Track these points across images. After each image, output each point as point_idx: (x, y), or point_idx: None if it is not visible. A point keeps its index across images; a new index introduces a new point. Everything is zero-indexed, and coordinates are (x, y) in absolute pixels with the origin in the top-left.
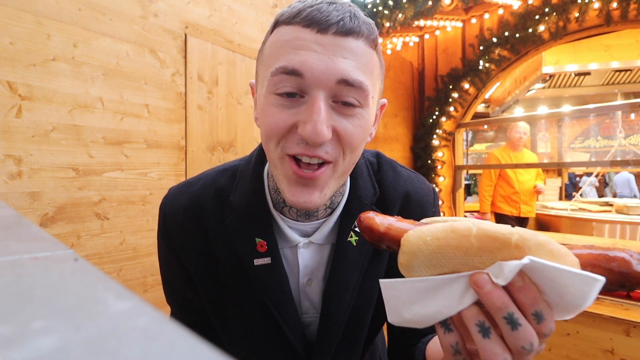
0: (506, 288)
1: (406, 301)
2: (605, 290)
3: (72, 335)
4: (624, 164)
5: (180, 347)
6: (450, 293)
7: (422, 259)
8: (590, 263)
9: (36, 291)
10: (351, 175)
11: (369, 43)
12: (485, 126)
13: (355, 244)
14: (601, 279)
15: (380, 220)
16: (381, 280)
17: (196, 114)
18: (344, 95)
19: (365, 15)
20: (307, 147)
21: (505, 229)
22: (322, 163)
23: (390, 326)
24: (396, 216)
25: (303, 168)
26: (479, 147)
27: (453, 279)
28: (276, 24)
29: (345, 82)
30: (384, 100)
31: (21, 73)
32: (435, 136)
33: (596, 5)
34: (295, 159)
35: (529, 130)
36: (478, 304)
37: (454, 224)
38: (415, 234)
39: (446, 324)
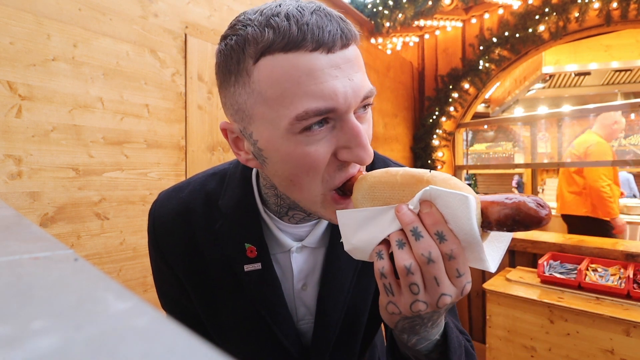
0: (419, 215)
1: (353, 228)
2: (504, 228)
3: (72, 335)
4: (624, 164)
5: (180, 347)
6: (383, 221)
7: (363, 193)
8: (491, 201)
9: (36, 291)
10: None
11: (357, 43)
12: (485, 126)
13: None
14: (470, 196)
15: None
16: (337, 211)
17: (196, 114)
18: (363, 107)
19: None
20: (347, 169)
21: (422, 170)
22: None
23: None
24: None
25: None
26: (479, 147)
27: (385, 209)
28: (262, 54)
29: (365, 97)
30: None
31: (21, 73)
32: (435, 136)
33: (596, 5)
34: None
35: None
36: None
37: (391, 168)
38: (363, 176)
39: (379, 253)
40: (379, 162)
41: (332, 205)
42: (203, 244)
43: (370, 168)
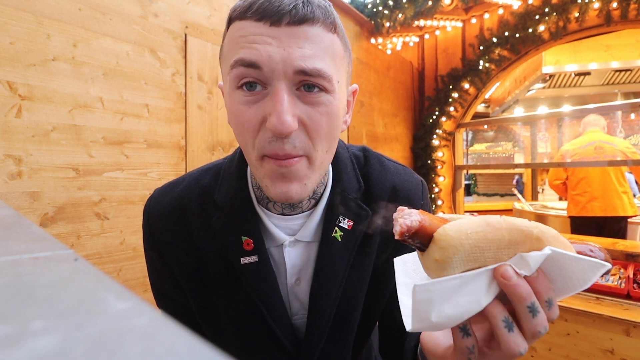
0: (529, 282)
1: (437, 303)
2: None
3: (72, 335)
4: (624, 164)
5: (180, 347)
6: (476, 289)
7: (463, 254)
8: (580, 254)
9: (36, 291)
10: (334, 169)
11: (326, 27)
12: (485, 126)
13: (340, 239)
14: (609, 265)
15: (404, 221)
16: (416, 285)
17: (196, 114)
18: (306, 83)
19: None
20: (277, 144)
21: (527, 222)
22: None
23: (380, 321)
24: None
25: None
26: (479, 147)
27: (480, 273)
28: (230, 20)
29: (304, 72)
30: (355, 86)
31: (21, 73)
32: (435, 136)
33: (596, 5)
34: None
35: None
36: (497, 297)
37: (487, 217)
38: (453, 227)
39: (465, 329)
40: (372, 158)
41: (273, 170)
42: (199, 239)
43: (362, 164)
